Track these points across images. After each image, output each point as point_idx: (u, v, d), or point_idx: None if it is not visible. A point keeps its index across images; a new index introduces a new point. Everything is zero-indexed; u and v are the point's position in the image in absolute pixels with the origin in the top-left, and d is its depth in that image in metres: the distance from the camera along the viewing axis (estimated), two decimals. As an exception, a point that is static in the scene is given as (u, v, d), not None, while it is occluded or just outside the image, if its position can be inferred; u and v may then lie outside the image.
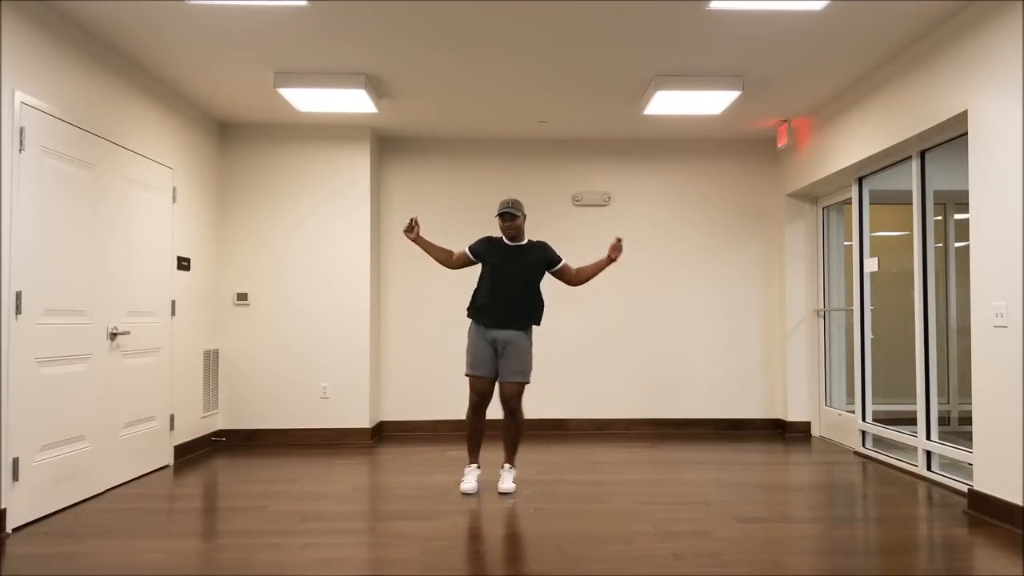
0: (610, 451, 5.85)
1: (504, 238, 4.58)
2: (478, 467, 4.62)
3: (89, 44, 4.41)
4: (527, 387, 4.55)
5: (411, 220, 4.45)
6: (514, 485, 4.49)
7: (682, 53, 4.68)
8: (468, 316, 4.62)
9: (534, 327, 4.58)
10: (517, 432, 4.56)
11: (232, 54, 4.72)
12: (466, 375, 4.55)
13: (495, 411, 4.71)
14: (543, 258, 4.57)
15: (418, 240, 4.47)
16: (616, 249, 4.51)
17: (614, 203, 6.86)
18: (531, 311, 4.54)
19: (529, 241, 4.62)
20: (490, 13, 4.11)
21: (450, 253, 4.60)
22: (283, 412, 6.31)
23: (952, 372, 5.36)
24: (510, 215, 4.46)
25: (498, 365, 4.48)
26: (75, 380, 4.24)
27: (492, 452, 5.72)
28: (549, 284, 6.74)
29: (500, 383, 4.48)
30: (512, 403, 4.46)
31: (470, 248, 4.60)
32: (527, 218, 4.60)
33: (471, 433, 4.60)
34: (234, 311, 6.34)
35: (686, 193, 6.88)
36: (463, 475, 4.63)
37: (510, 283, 4.49)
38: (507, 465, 4.56)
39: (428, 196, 6.80)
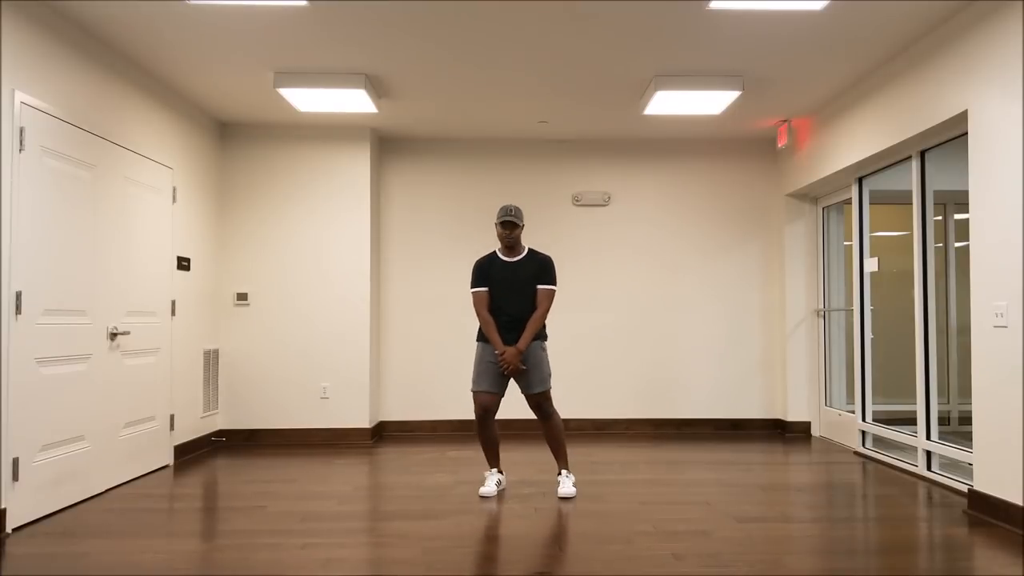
0: (610, 451, 5.85)
1: (499, 251, 4.45)
2: (499, 471, 4.52)
3: (89, 44, 4.41)
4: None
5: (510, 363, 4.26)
6: (574, 489, 4.36)
7: (682, 53, 4.68)
8: (478, 340, 4.46)
9: (544, 340, 4.44)
10: (556, 435, 4.42)
11: (232, 54, 4.72)
12: (471, 391, 4.48)
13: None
14: (538, 271, 4.39)
15: (519, 350, 4.27)
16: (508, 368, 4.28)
17: (614, 203, 6.86)
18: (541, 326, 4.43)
19: (529, 252, 4.45)
20: (490, 13, 4.11)
21: (484, 311, 4.38)
22: (283, 412, 6.31)
23: (952, 372, 5.36)
24: (511, 224, 4.33)
25: (518, 383, 4.38)
26: (75, 380, 4.23)
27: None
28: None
29: (525, 396, 4.38)
30: (543, 408, 4.38)
31: (474, 286, 4.40)
32: (523, 227, 4.49)
33: (484, 445, 4.47)
34: (234, 311, 6.34)
35: (686, 193, 6.88)
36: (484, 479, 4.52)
37: (512, 300, 4.36)
38: (563, 471, 4.43)
39: (428, 196, 6.80)
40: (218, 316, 6.30)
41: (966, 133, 4.20)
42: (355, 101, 5.36)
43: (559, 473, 4.45)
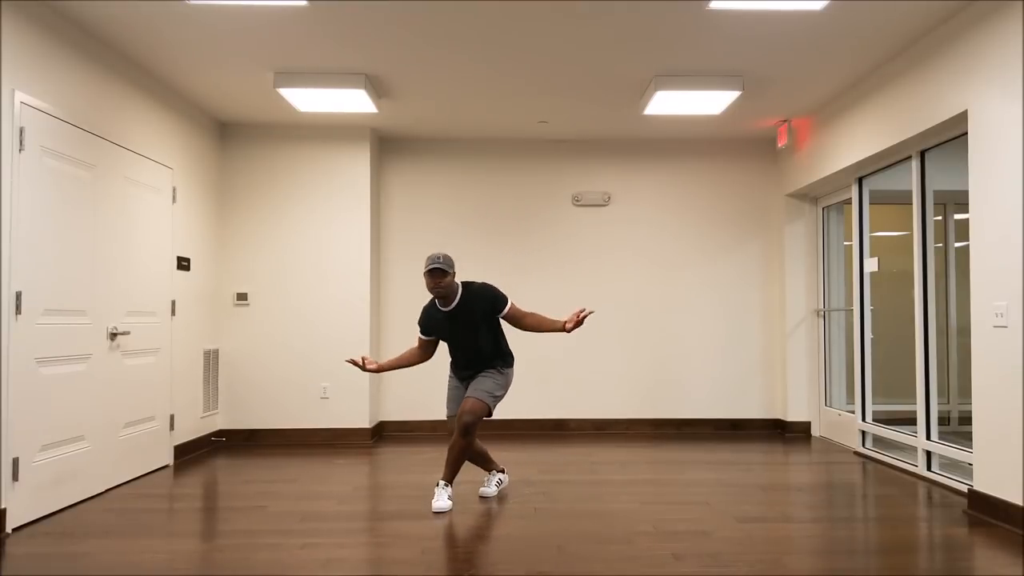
0: (610, 451, 5.85)
1: (435, 301, 4.22)
2: (499, 471, 4.51)
3: (89, 44, 4.41)
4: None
5: (362, 362, 4.17)
6: (450, 503, 4.11)
7: (682, 53, 4.68)
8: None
9: (511, 366, 4.32)
10: (461, 451, 4.12)
11: (232, 54, 4.72)
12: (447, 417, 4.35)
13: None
14: (487, 306, 4.17)
15: (381, 368, 4.21)
16: (574, 323, 4.00)
17: (614, 203, 6.86)
18: (498, 355, 4.26)
19: (465, 290, 4.18)
20: (490, 13, 4.11)
21: (414, 350, 4.30)
22: (283, 412, 6.31)
23: (952, 372, 5.36)
24: (440, 271, 4.02)
25: (468, 386, 4.24)
26: (75, 380, 4.23)
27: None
28: (549, 285, 6.75)
29: (464, 400, 4.15)
30: (465, 418, 4.04)
31: (421, 331, 4.28)
32: (454, 275, 4.15)
33: (472, 461, 4.44)
34: (234, 311, 6.34)
35: (686, 193, 6.88)
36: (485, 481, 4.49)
37: (464, 345, 4.21)
38: (442, 482, 4.16)
39: (428, 196, 6.80)
40: (218, 316, 6.30)
41: (966, 133, 4.20)
42: (355, 101, 5.36)
43: (437, 484, 4.18)
